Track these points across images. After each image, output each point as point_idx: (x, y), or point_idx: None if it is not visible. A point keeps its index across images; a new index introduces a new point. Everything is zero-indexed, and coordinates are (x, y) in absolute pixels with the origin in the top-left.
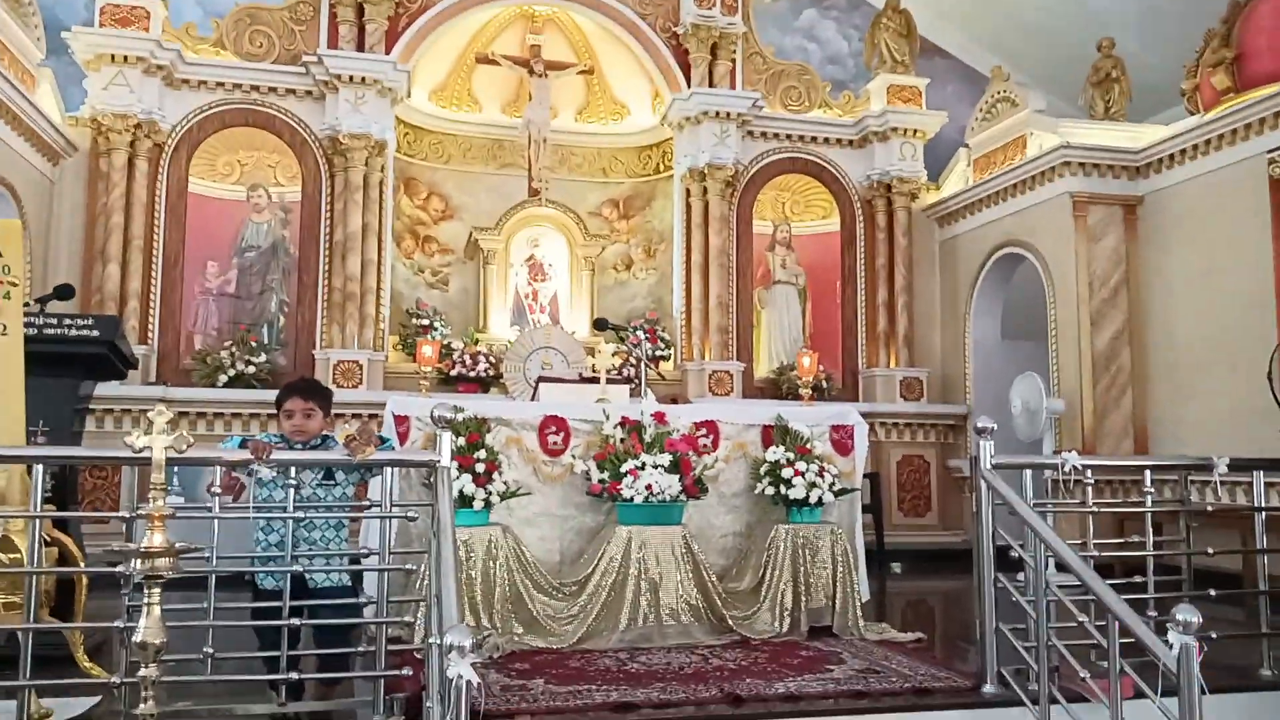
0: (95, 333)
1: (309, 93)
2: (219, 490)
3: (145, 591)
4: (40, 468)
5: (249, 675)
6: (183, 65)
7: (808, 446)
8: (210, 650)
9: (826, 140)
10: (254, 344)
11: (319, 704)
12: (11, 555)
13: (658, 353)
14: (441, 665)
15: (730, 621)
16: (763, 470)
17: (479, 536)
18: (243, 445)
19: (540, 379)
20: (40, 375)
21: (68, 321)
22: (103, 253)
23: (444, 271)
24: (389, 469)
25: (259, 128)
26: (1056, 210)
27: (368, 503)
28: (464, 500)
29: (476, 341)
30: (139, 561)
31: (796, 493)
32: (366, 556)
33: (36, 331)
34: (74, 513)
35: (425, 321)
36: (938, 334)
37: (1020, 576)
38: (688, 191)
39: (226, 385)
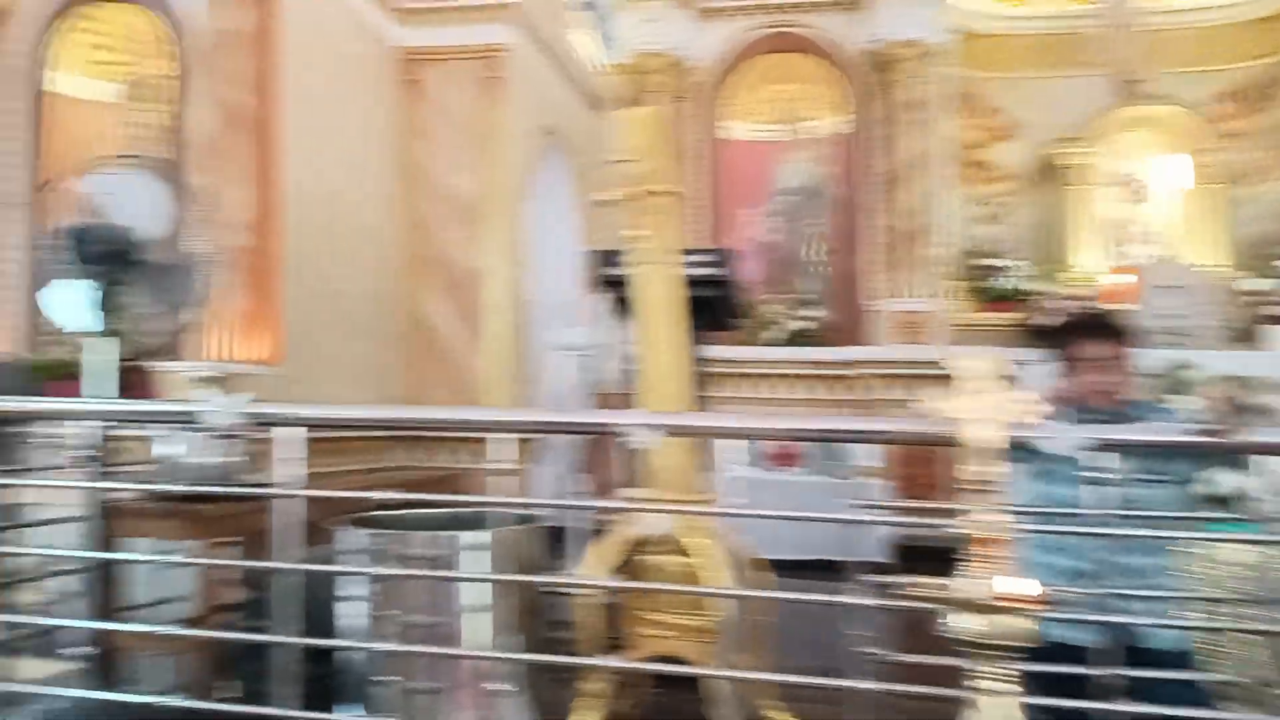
0: (717, 270)
1: (838, 3)
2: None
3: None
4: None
5: None
6: None
7: None
8: None
9: None
10: (802, 297)
11: None
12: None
13: None
14: None
15: None
16: None
17: None
18: None
19: None
20: None
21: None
22: None
23: (1006, 202)
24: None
25: (792, 51)
26: None
27: (1223, 515)
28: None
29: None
30: (979, 620)
31: None
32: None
33: None
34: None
35: (994, 262)
36: None
37: None
38: None
39: (772, 344)
